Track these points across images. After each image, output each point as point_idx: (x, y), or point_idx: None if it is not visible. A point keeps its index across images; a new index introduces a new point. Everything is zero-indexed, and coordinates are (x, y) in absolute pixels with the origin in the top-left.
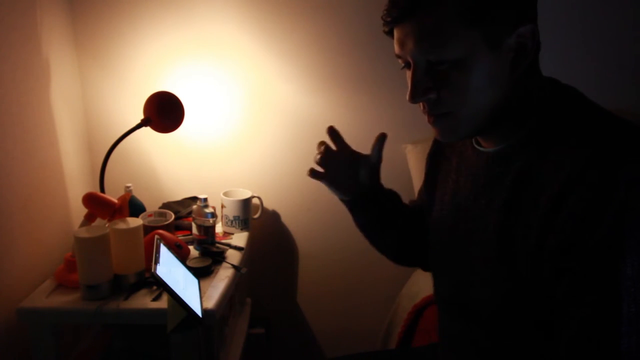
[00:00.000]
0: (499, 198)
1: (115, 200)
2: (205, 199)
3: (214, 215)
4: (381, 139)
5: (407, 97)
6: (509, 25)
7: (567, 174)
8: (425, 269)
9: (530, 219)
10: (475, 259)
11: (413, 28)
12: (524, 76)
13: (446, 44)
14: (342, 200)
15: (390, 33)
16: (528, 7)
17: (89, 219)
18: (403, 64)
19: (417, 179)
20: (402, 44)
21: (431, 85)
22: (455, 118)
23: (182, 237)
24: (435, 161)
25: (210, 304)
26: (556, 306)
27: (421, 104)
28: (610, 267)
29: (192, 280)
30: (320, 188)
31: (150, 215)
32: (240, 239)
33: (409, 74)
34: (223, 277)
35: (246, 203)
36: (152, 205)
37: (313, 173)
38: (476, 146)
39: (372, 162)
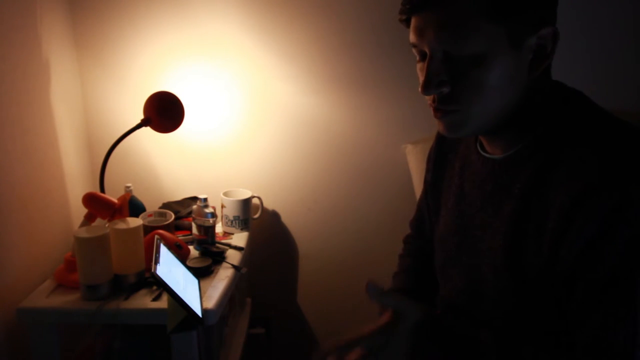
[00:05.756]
0: (507, 207)
1: (115, 200)
2: (205, 199)
3: (214, 215)
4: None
5: (420, 88)
6: (533, 26)
7: (579, 185)
8: None
9: (540, 230)
10: (481, 267)
11: (435, 17)
12: (540, 79)
13: (468, 36)
14: None
15: (406, 21)
16: (552, 9)
17: (89, 219)
18: (417, 55)
19: (417, 179)
20: (420, 33)
21: (446, 79)
22: (465, 115)
23: (182, 237)
24: (438, 167)
25: (210, 304)
26: (571, 315)
27: (430, 96)
28: (625, 280)
29: (192, 280)
30: (320, 188)
31: (150, 215)
32: (240, 239)
33: (420, 65)
34: (223, 277)
35: (246, 203)
36: (152, 205)
37: None
38: (481, 152)
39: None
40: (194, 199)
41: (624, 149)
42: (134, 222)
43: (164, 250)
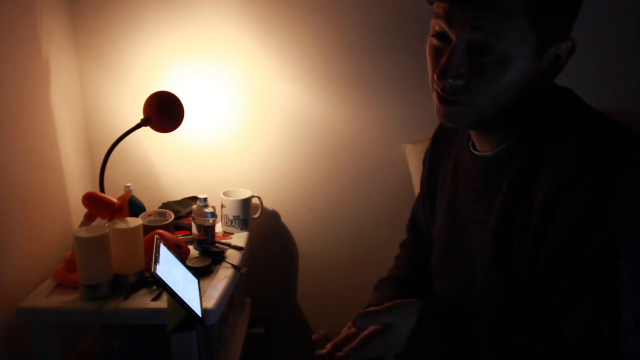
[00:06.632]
0: (496, 203)
1: (115, 200)
2: (205, 199)
3: (214, 215)
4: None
5: (436, 73)
6: (559, 37)
7: (560, 179)
8: None
9: (526, 224)
10: (474, 264)
11: (475, 12)
12: (542, 86)
13: (504, 35)
14: None
15: (432, 2)
16: (573, 24)
17: (89, 219)
18: (434, 33)
19: (417, 179)
20: (452, 21)
21: (464, 72)
22: (470, 109)
23: (182, 237)
24: (433, 168)
25: (210, 304)
26: (556, 308)
27: (440, 84)
28: (606, 272)
29: (192, 280)
30: (320, 188)
31: (150, 215)
32: (240, 239)
33: (435, 43)
34: (223, 277)
35: (246, 203)
36: (152, 205)
37: None
38: (473, 151)
39: None
40: (194, 199)
41: (606, 143)
42: (134, 222)
43: (164, 250)
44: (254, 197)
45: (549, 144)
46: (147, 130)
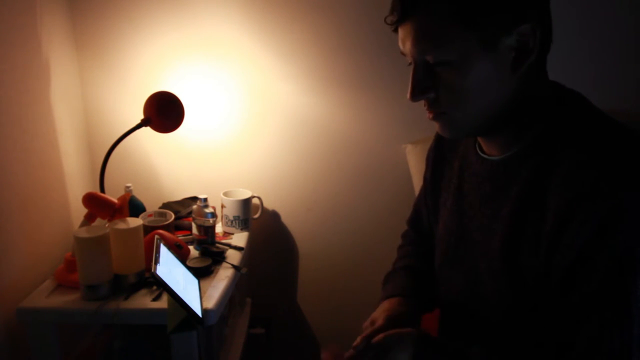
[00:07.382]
0: (504, 209)
1: (115, 200)
2: (205, 199)
3: (214, 215)
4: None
5: (407, 95)
6: (506, 26)
7: (575, 189)
8: None
9: (537, 233)
10: (479, 268)
11: (411, 29)
12: (530, 77)
13: (441, 45)
14: None
15: (396, 31)
16: (526, 7)
17: (89, 219)
18: (410, 61)
19: (417, 179)
20: (402, 43)
21: (430, 85)
22: (452, 118)
23: (182, 237)
24: (437, 166)
25: (210, 304)
26: (566, 321)
27: (423, 101)
28: (619, 285)
29: (192, 280)
30: (320, 188)
31: (150, 215)
32: (240, 239)
33: (411, 68)
34: (223, 277)
35: (246, 203)
36: (152, 205)
37: None
38: (480, 153)
39: None
40: (194, 199)
41: (620, 154)
42: (134, 222)
43: (164, 250)
44: (254, 197)
45: (560, 152)
46: (147, 130)
